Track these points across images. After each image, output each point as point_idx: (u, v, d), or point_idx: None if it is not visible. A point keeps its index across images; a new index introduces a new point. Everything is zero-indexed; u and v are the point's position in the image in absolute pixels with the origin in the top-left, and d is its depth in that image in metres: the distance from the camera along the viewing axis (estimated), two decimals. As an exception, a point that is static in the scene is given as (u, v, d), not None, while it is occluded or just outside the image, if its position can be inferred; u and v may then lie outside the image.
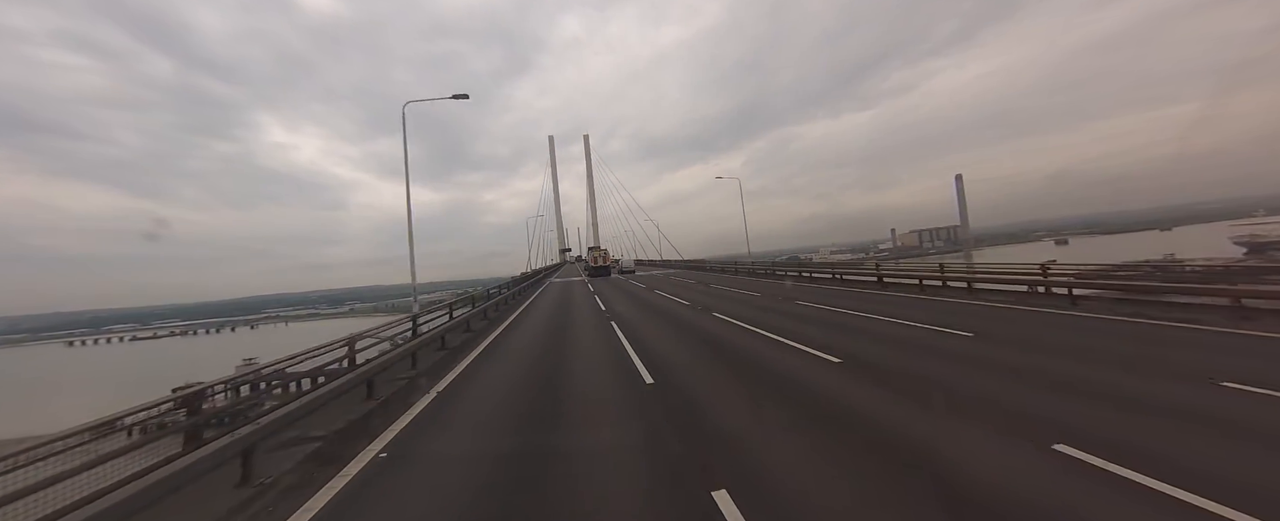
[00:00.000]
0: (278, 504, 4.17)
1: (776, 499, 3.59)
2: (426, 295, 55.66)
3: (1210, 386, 5.33)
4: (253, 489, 4.47)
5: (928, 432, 4.63)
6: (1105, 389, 5.48)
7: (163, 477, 3.67)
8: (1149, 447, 3.96)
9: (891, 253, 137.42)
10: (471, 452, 5.06)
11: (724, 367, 7.97)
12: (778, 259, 41.25)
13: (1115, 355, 7.06)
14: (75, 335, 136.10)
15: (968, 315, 11.00)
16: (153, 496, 3.52)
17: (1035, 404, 5.21)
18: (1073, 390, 5.52)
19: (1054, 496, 3.37)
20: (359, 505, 4.09)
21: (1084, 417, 4.68)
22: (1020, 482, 3.62)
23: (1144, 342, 7.72)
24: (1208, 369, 5.85)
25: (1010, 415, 4.95)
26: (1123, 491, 3.39)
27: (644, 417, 5.63)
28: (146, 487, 3.51)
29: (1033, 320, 10.16)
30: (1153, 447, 3.97)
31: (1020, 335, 8.87)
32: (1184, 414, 4.69)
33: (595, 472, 4.30)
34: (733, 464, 4.19)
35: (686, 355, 9.02)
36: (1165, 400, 5.08)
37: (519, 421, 6.02)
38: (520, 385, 7.68)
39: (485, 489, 4.18)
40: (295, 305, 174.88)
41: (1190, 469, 3.56)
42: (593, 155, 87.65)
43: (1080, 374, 6.08)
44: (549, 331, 13.30)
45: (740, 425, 5.23)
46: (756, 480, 3.87)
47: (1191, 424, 4.44)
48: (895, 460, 4.06)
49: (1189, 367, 6.06)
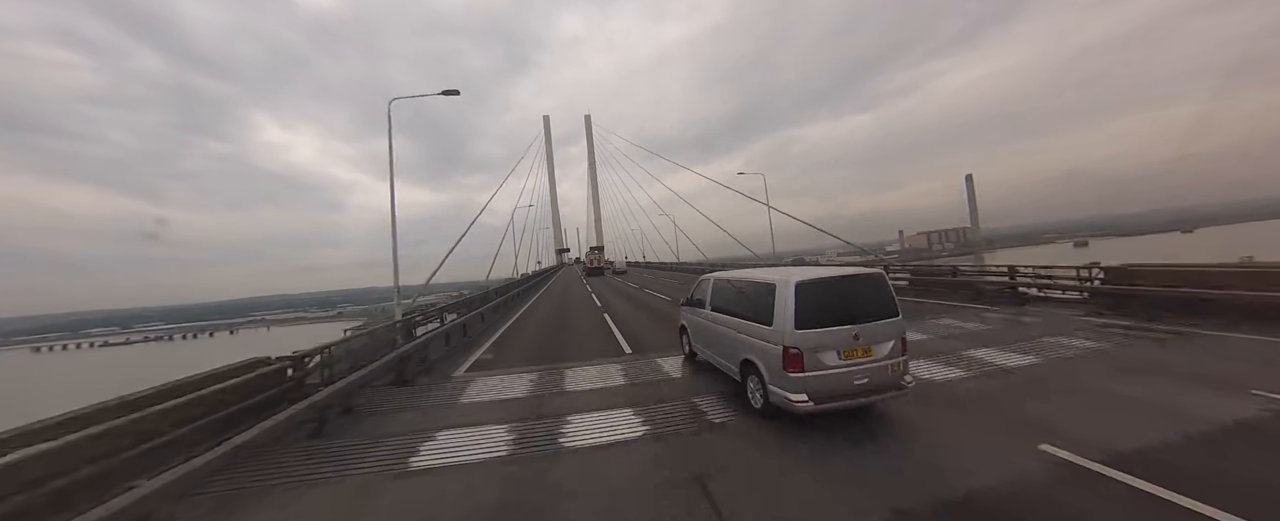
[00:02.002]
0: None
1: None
2: (424, 297, 54.03)
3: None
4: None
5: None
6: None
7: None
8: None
9: (900, 255, 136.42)
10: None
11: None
12: (781, 261, 40.03)
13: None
14: (48, 339, 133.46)
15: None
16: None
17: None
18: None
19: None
20: None
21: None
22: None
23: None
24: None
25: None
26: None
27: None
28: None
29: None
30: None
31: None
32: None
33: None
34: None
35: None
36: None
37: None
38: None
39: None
40: (285, 308, 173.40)
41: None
42: (595, 152, 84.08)
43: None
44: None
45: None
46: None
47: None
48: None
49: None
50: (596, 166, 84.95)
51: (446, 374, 9.22)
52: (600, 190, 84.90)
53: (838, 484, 4.08)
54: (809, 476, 4.24)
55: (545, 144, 79.65)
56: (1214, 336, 7.89)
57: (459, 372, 9.29)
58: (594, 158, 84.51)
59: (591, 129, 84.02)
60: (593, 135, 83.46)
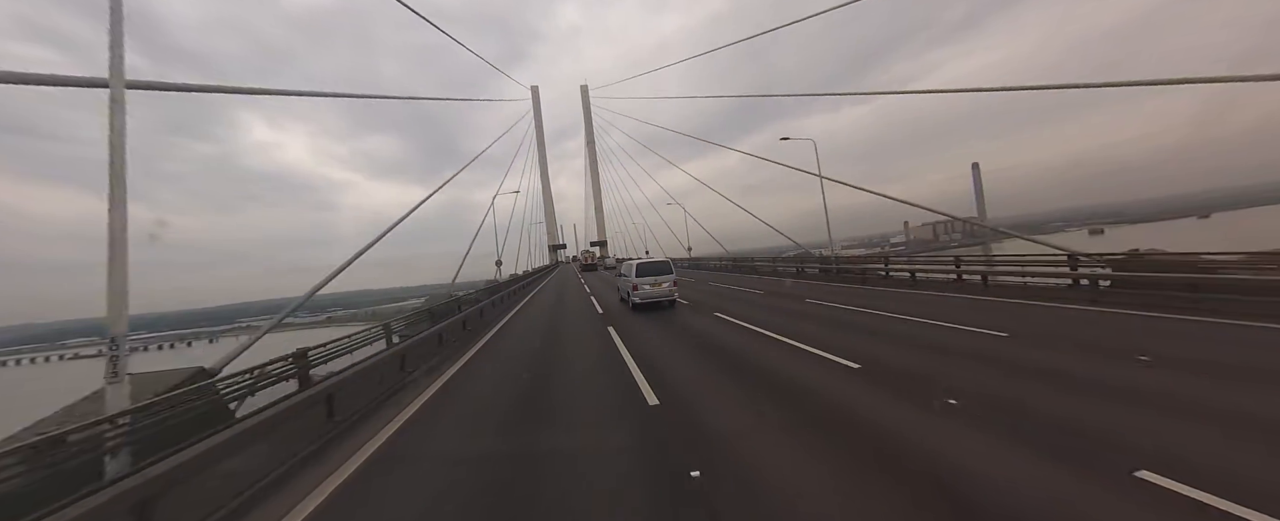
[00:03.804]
0: None
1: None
2: (416, 300, 51.70)
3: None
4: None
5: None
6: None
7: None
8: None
9: (906, 247, 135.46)
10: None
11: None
12: (783, 254, 39.05)
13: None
14: (22, 351, 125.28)
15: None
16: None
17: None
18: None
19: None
20: None
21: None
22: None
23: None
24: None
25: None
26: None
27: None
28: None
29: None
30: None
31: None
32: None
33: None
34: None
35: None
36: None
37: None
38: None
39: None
40: (273, 313, 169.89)
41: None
42: (594, 152, 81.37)
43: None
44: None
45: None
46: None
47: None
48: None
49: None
50: (596, 162, 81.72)
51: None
52: (599, 190, 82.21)
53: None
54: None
55: (534, 120, 75.23)
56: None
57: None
58: (592, 134, 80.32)
59: (588, 101, 79.91)
60: (591, 114, 79.52)
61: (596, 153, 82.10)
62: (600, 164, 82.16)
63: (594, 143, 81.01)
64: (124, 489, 3.75)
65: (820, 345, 8.69)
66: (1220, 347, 6.78)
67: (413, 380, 9.08)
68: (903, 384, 6.31)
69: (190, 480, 4.43)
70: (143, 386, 6.30)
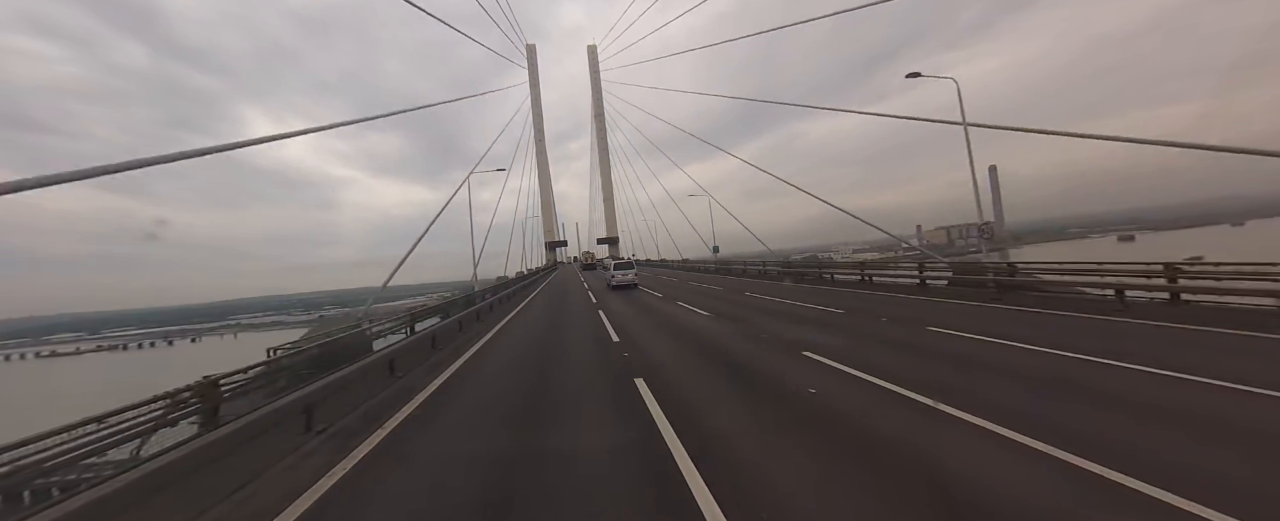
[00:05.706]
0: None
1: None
2: (416, 299, 53.17)
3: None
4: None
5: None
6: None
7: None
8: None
9: (920, 251, 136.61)
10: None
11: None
12: (792, 257, 44.35)
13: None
14: (6, 347, 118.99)
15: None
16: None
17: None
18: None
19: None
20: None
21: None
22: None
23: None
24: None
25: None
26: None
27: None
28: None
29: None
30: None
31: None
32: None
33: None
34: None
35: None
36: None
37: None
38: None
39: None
40: (269, 310, 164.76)
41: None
42: (604, 126, 73.53)
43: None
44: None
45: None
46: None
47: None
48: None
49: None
50: (605, 137, 73.98)
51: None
52: (599, 188, 78.47)
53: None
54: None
55: (530, 81, 69.46)
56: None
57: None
58: (601, 105, 72.90)
59: (596, 60, 72.10)
60: (598, 70, 72.28)
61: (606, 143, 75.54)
62: (599, 163, 78.51)
63: (603, 115, 73.27)
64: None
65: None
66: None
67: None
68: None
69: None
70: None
